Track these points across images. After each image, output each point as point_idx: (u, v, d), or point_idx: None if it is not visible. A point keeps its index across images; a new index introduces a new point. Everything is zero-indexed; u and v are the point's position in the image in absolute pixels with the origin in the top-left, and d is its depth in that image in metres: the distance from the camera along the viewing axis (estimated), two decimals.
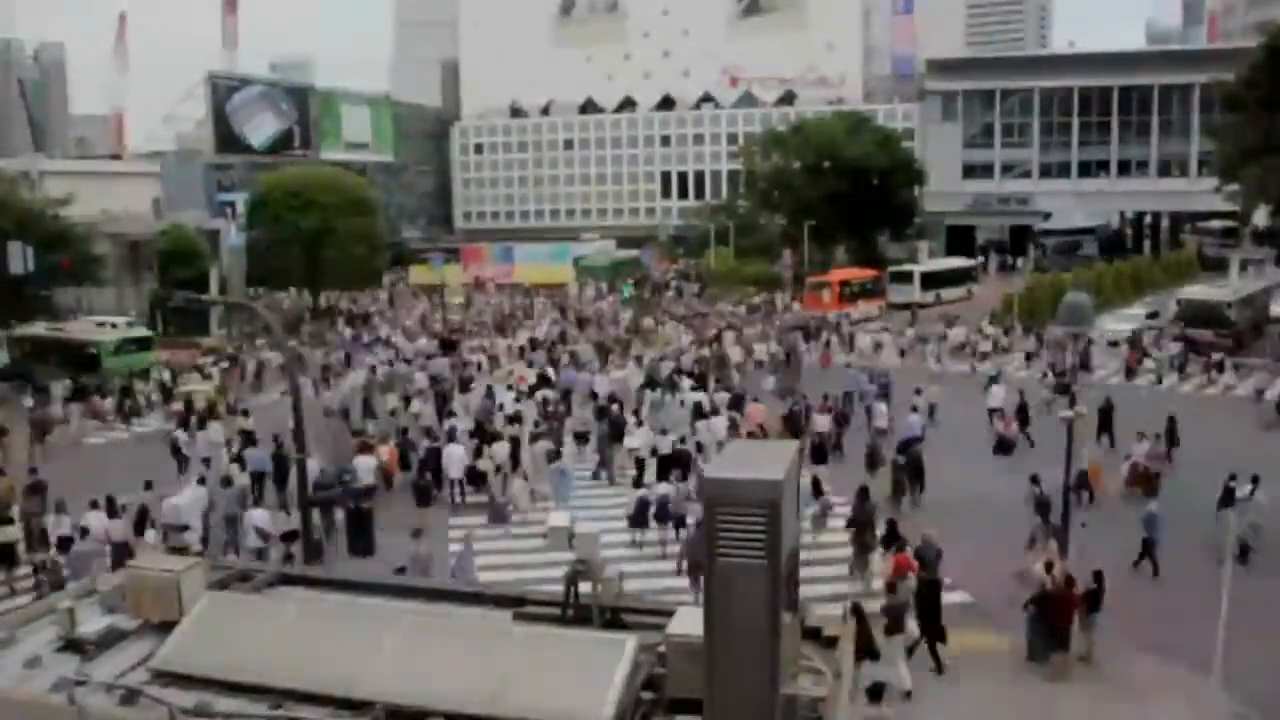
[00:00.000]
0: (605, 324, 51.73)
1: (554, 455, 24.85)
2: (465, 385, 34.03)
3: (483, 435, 26.44)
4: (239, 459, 24.72)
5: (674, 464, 23.71)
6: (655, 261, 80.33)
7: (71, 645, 6.86)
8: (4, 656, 6.76)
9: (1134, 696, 12.72)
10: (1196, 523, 18.77)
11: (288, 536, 19.50)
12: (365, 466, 23.72)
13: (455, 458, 24.40)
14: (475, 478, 24.32)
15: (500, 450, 24.72)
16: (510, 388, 33.69)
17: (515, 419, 27.94)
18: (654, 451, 24.89)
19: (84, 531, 19.14)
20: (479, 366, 39.49)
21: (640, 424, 27.49)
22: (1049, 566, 15.69)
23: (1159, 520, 18.96)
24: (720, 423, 26.85)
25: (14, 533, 19.99)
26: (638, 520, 20.96)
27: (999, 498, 21.65)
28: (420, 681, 6.00)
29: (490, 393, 31.84)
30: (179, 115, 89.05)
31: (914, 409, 28.23)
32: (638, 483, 23.72)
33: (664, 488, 21.71)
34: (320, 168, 69.04)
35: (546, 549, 16.41)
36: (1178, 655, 14.08)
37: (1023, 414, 28.28)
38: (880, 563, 18.21)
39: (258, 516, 20.24)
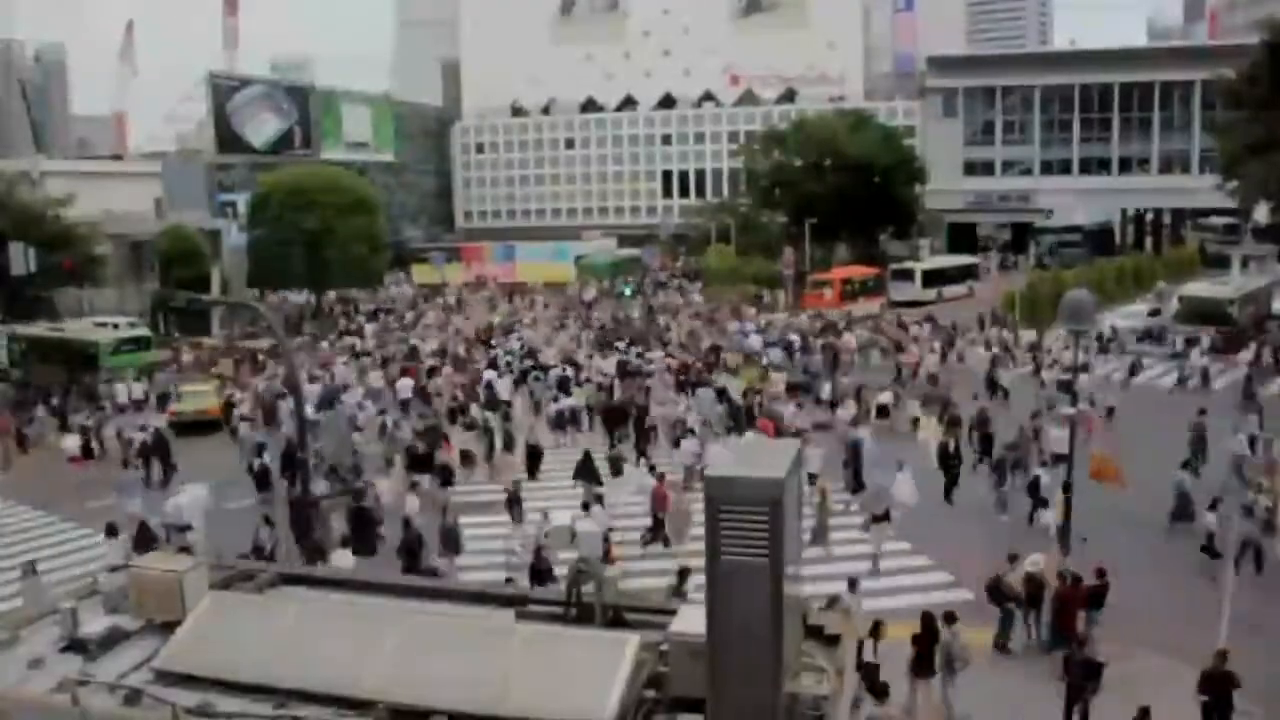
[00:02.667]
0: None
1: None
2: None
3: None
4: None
5: (566, 385, 32.52)
6: (656, 260, 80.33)
7: (74, 645, 6.86)
8: (7, 657, 6.75)
9: (1136, 695, 12.71)
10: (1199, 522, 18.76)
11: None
12: (405, 386, 31.61)
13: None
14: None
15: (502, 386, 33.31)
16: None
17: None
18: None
19: None
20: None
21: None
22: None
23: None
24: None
25: None
26: (558, 425, 29.43)
27: None
28: (423, 681, 5.99)
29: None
30: (180, 115, 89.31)
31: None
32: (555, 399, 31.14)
33: (568, 400, 30.68)
34: (321, 167, 68.92)
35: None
36: (1180, 653, 14.07)
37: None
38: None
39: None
